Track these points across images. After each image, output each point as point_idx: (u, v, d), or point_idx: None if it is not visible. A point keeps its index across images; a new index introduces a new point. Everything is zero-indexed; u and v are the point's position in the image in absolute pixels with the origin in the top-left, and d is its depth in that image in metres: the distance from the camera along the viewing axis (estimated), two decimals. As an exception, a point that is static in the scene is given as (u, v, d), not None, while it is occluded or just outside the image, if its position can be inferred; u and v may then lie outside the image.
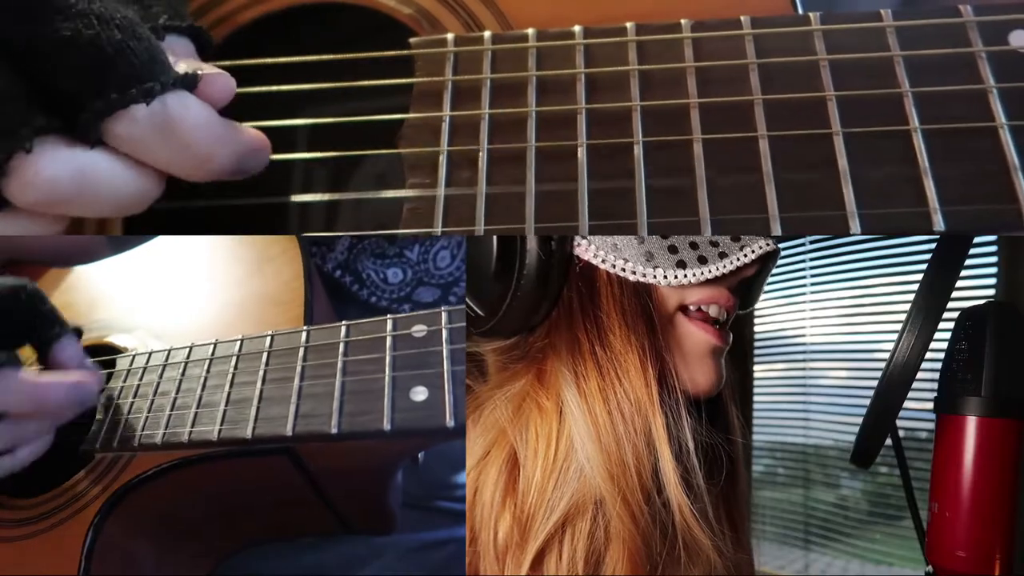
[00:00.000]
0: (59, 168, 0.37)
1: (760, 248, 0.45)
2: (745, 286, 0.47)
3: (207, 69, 0.40)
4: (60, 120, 0.37)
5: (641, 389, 0.43)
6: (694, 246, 0.44)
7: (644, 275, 0.44)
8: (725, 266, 0.44)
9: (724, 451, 0.47)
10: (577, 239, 0.44)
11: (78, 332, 0.52)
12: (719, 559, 0.44)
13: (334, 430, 0.41)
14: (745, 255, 0.44)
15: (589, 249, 0.44)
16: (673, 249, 0.44)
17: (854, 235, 0.40)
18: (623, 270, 0.44)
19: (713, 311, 0.46)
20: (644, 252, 0.44)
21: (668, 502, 0.43)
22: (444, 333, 0.41)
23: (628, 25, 0.45)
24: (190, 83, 0.39)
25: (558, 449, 0.44)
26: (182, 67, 0.39)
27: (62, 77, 0.37)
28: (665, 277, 0.44)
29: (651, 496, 0.43)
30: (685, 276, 0.44)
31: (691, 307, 0.46)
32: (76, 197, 0.38)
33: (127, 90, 0.37)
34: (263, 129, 0.44)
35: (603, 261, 0.44)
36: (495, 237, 0.42)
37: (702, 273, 0.44)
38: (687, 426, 0.44)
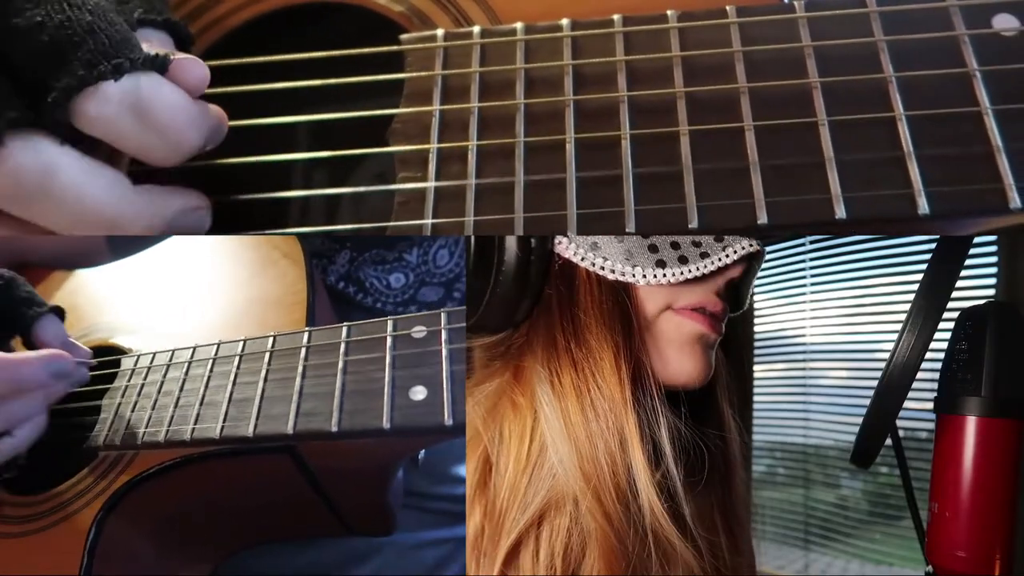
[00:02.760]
0: (27, 160, 0.36)
1: (743, 248, 0.44)
2: (732, 289, 0.47)
3: (179, 55, 0.40)
4: (35, 114, 0.37)
5: (615, 387, 0.43)
6: (675, 246, 0.44)
7: (623, 274, 0.44)
8: (706, 266, 0.44)
9: (708, 450, 0.47)
10: (558, 237, 0.44)
11: (59, 312, 0.52)
12: (695, 562, 0.44)
13: (334, 428, 0.41)
14: (727, 255, 0.44)
15: (569, 247, 0.44)
16: (653, 248, 0.44)
17: (839, 220, 0.40)
18: (602, 268, 0.44)
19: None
20: (624, 251, 0.44)
21: (640, 502, 0.42)
22: (443, 334, 0.42)
23: (615, 17, 0.45)
24: (160, 65, 0.39)
25: (531, 447, 0.44)
26: (154, 52, 0.39)
27: (32, 61, 0.37)
28: (644, 276, 0.44)
29: (626, 495, 0.42)
30: (664, 276, 0.43)
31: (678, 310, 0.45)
32: (41, 193, 0.37)
33: (96, 66, 0.36)
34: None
35: (583, 259, 0.44)
36: (472, 236, 0.42)
37: (682, 273, 0.44)
38: (663, 425, 0.44)
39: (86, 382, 0.51)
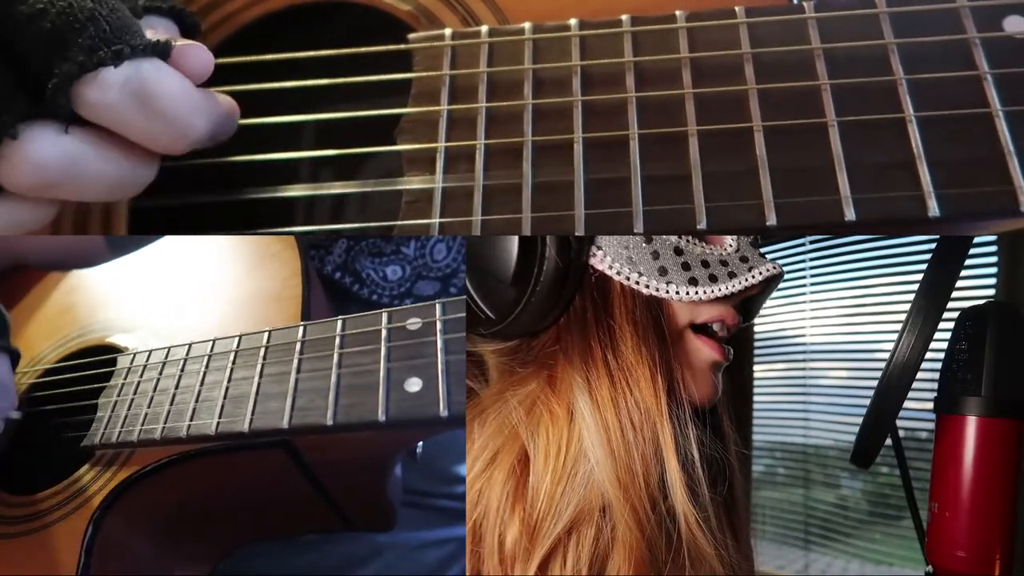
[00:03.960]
0: (47, 152, 0.37)
1: (767, 271, 0.46)
2: (747, 304, 0.48)
3: (182, 41, 0.40)
4: (39, 103, 0.37)
5: (651, 399, 0.43)
6: (705, 264, 0.45)
7: (657, 289, 0.44)
8: (734, 285, 0.45)
9: (726, 461, 0.48)
10: (593, 250, 0.45)
11: (13, 355, 0.52)
12: (721, 567, 0.45)
13: (330, 422, 0.41)
14: (753, 276, 0.45)
15: (604, 260, 0.45)
16: (686, 266, 0.45)
17: (848, 222, 0.39)
18: (637, 283, 0.45)
19: (717, 327, 0.46)
20: (658, 267, 0.44)
21: (673, 510, 0.43)
22: (438, 325, 0.41)
23: (623, 17, 0.45)
24: (162, 51, 0.38)
25: (568, 455, 0.44)
26: (156, 39, 0.39)
27: (35, 49, 0.37)
28: (677, 293, 0.44)
29: (657, 503, 0.43)
30: (697, 293, 0.44)
31: (699, 324, 0.46)
32: (65, 180, 0.38)
33: (95, 52, 0.36)
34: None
35: (618, 273, 0.45)
36: (517, 242, 0.42)
37: (712, 291, 0.45)
38: (693, 437, 0.45)
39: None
